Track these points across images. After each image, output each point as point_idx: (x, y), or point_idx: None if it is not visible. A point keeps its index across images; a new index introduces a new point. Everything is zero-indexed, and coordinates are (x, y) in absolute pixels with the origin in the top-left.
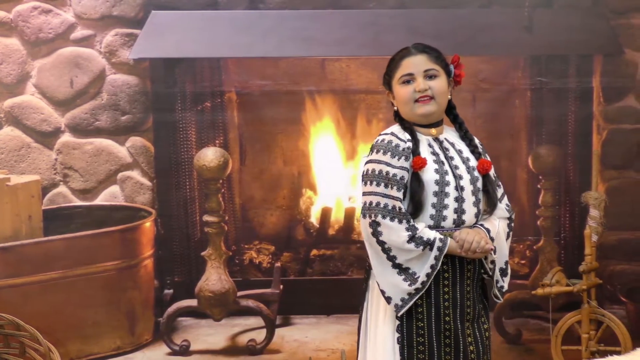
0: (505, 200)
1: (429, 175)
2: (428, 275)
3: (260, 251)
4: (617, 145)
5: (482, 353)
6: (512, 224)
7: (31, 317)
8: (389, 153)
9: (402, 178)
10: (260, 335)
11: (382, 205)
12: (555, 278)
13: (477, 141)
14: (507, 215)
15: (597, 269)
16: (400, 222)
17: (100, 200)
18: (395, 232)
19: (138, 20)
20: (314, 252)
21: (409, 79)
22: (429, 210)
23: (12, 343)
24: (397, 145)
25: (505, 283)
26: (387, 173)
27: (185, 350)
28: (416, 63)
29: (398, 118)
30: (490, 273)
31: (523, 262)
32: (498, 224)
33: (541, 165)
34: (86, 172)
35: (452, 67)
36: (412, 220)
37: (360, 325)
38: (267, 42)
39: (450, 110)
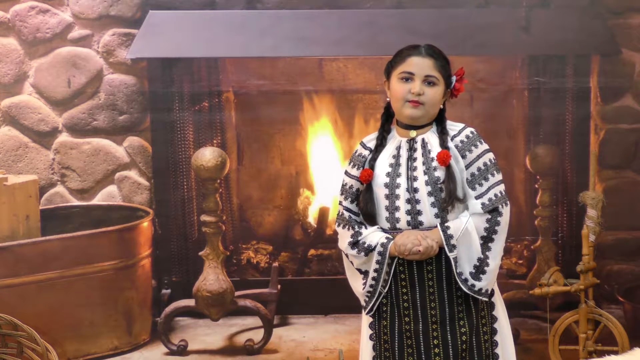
0: (493, 192)
1: (380, 180)
2: (374, 279)
3: (258, 251)
4: (614, 145)
5: (453, 357)
6: (499, 218)
7: (29, 317)
8: (351, 163)
9: (351, 187)
10: (257, 335)
11: (339, 214)
12: (553, 278)
13: (463, 135)
14: (481, 211)
15: (595, 268)
16: (348, 229)
17: (98, 200)
18: (342, 239)
19: (135, 20)
20: (312, 252)
21: (407, 77)
22: (384, 213)
23: (10, 343)
24: (359, 155)
25: (481, 282)
26: (344, 182)
27: (182, 350)
28: (420, 65)
29: (385, 113)
30: (456, 272)
31: (520, 262)
32: (466, 221)
33: (539, 165)
34: (84, 172)
35: (454, 78)
36: (358, 226)
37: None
38: (264, 42)
39: (440, 118)
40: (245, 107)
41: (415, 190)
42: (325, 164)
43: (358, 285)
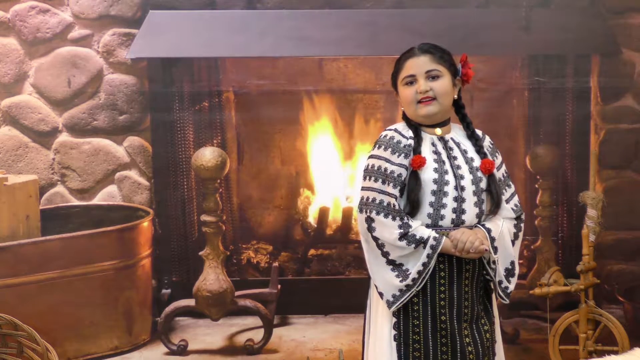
0: (515, 200)
1: (428, 174)
2: (419, 273)
3: (258, 251)
4: (614, 145)
5: (482, 355)
6: (522, 224)
7: (29, 316)
8: (390, 149)
9: (399, 175)
10: (257, 335)
11: (377, 201)
12: (553, 278)
13: (487, 141)
14: (514, 215)
15: (595, 268)
16: (393, 219)
17: (98, 200)
18: (387, 229)
19: (136, 19)
20: (312, 251)
21: (411, 80)
22: (426, 209)
23: (10, 343)
24: (398, 142)
25: (511, 284)
26: (386, 169)
27: (182, 350)
28: (418, 64)
29: (404, 117)
30: (492, 274)
31: (521, 261)
32: (502, 224)
33: (539, 165)
34: (84, 171)
35: (459, 66)
36: (406, 218)
37: (365, 323)
38: (264, 41)
39: (459, 109)
40: (246, 107)
41: (463, 188)
42: (325, 164)
43: (390, 278)
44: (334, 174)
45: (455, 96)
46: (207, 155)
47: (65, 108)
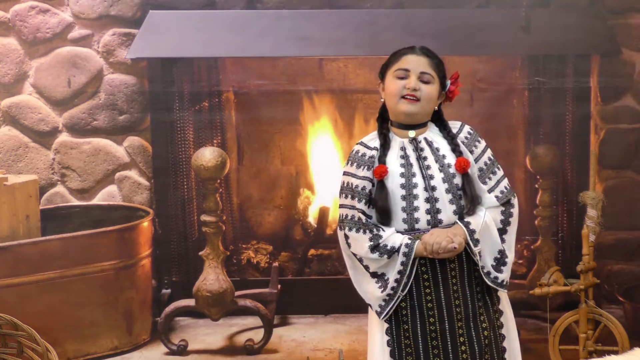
0: (502, 185)
1: (395, 180)
2: (397, 281)
3: (258, 251)
4: (614, 145)
5: (479, 353)
6: (512, 209)
7: (29, 316)
8: (355, 164)
9: (363, 188)
10: (257, 335)
11: (349, 217)
12: (553, 278)
13: (465, 132)
14: (497, 203)
15: (595, 268)
16: (364, 232)
17: (98, 200)
18: (359, 243)
19: (136, 19)
20: (312, 251)
21: (403, 75)
22: (400, 215)
23: (10, 343)
24: (363, 155)
25: (502, 274)
26: (351, 184)
27: (182, 350)
28: (416, 62)
29: (380, 117)
30: (480, 265)
31: (521, 261)
32: (484, 214)
33: (539, 165)
34: (84, 171)
35: (448, 82)
36: (375, 229)
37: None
38: (264, 41)
39: (438, 117)
40: (246, 107)
41: (433, 188)
42: (325, 164)
43: (373, 290)
44: (334, 174)
45: (436, 107)
46: (207, 155)
47: (65, 108)
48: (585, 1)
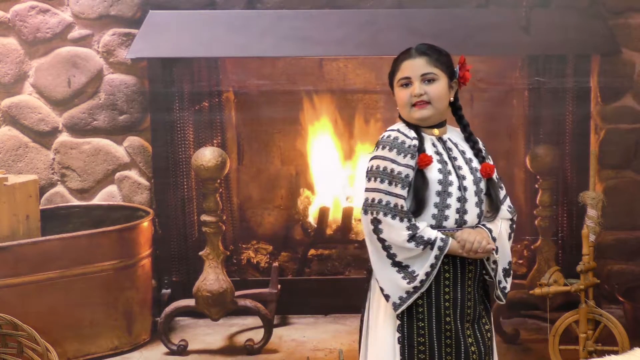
0: (508, 201)
1: (433, 174)
2: (427, 274)
3: (258, 251)
4: (614, 145)
5: (484, 354)
6: (514, 225)
7: (29, 316)
8: (395, 150)
9: (407, 176)
10: (258, 335)
11: (384, 203)
12: (553, 278)
13: (480, 144)
14: (509, 216)
15: (595, 268)
16: (401, 220)
17: (98, 200)
18: (395, 231)
19: (136, 19)
20: (312, 251)
21: (406, 83)
22: (431, 210)
23: (10, 343)
24: (403, 142)
25: (508, 284)
26: (392, 170)
27: (182, 350)
28: (414, 67)
29: (401, 117)
30: (493, 274)
31: (521, 261)
32: (500, 224)
33: (539, 165)
34: (84, 171)
35: (457, 68)
36: (413, 219)
37: (362, 325)
38: (264, 41)
39: (456, 111)
40: (246, 107)
41: (465, 189)
42: (325, 164)
43: (397, 279)
44: (334, 174)
45: (452, 98)
46: (207, 155)
47: (65, 108)
48: (585, 1)
